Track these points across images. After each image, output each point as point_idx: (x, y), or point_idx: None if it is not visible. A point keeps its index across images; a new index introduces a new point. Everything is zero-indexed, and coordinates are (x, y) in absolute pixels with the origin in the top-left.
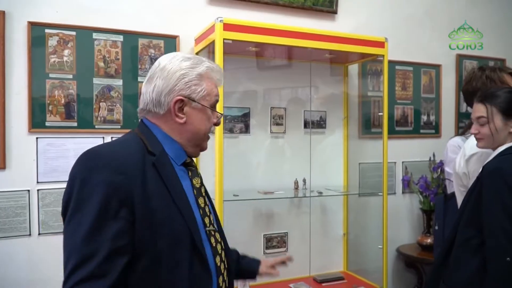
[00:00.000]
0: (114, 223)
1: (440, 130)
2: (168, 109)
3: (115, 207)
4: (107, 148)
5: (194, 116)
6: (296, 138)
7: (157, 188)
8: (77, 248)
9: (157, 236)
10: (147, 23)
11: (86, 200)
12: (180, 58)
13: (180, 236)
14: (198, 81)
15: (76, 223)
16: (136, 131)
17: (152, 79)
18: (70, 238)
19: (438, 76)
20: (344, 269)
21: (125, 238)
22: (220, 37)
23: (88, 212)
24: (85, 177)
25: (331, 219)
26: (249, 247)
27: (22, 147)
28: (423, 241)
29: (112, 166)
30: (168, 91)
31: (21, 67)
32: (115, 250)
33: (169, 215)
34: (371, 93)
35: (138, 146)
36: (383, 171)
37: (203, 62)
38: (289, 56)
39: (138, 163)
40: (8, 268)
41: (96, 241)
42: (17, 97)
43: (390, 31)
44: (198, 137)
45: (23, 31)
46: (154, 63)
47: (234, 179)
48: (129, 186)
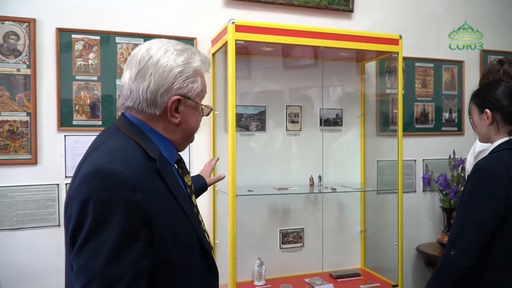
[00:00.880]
0: (136, 244)
1: (463, 128)
2: (163, 109)
3: (136, 228)
4: (117, 164)
5: (189, 114)
6: (312, 136)
7: (165, 196)
8: (98, 274)
9: (173, 246)
10: (166, 26)
11: (105, 222)
12: (173, 51)
13: (191, 241)
14: (194, 78)
15: (94, 249)
16: (125, 131)
17: (144, 75)
18: (89, 263)
19: (460, 73)
20: (362, 266)
21: (147, 258)
22: (232, 38)
23: (107, 236)
24: (102, 198)
25: (348, 216)
26: (265, 241)
27: (51, 144)
28: (443, 239)
29: (128, 185)
30: (165, 90)
31: (50, 71)
32: (139, 272)
33: (180, 223)
34: (389, 90)
35: (139, 154)
36: (398, 169)
37: (195, 54)
38: (304, 55)
39: (147, 175)
40: (39, 255)
41: (120, 265)
42: (47, 98)
43: (409, 28)
44: (191, 134)
45: (52, 37)
46: (142, 46)
47: (250, 175)
48: (147, 203)
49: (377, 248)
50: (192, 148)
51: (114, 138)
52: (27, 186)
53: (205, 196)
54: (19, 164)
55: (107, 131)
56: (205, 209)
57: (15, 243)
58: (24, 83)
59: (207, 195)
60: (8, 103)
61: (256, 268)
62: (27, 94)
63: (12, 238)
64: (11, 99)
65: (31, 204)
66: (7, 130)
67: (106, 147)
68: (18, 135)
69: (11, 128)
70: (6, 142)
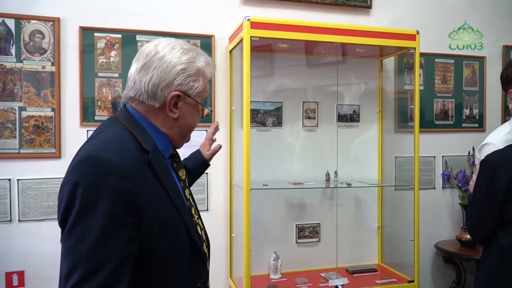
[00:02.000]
0: (123, 230)
1: (484, 124)
2: (163, 103)
3: (123, 214)
4: (108, 152)
5: (187, 111)
6: (328, 132)
7: (156, 188)
8: (84, 257)
9: (162, 236)
10: (185, 24)
11: (92, 207)
12: (179, 50)
13: (180, 233)
14: (196, 77)
15: (81, 232)
16: (122, 122)
17: (148, 68)
18: (74, 248)
19: (482, 69)
20: (379, 261)
21: (133, 244)
22: (248, 35)
23: (95, 220)
24: (91, 184)
25: (365, 211)
26: (281, 236)
27: (74, 139)
28: (462, 236)
29: (118, 173)
30: (166, 85)
31: (73, 68)
32: (125, 258)
33: (169, 214)
34: (408, 86)
35: (133, 145)
36: (414, 165)
37: (201, 55)
38: (321, 52)
39: (138, 166)
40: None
41: (106, 250)
42: (71, 94)
43: (428, 24)
44: (188, 131)
45: (75, 36)
46: (151, 43)
47: (267, 170)
48: (135, 192)
49: (394, 244)
50: None
51: (111, 129)
52: (51, 179)
53: (221, 190)
54: (44, 158)
55: (107, 122)
56: (222, 203)
57: (40, 234)
58: (49, 80)
59: (223, 188)
60: (34, 99)
61: (272, 261)
62: (52, 90)
63: (37, 228)
64: (36, 95)
65: (55, 196)
66: (33, 125)
67: (101, 136)
68: (43, 130)
69: (36, 123)
70: (32, 136)
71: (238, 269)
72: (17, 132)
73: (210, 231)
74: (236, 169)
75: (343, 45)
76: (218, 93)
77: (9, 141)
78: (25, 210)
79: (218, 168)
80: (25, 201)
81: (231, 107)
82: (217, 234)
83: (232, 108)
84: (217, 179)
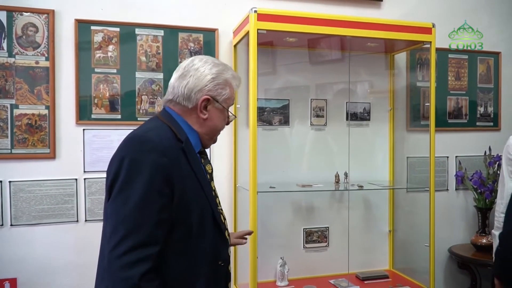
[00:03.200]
0: (159, 198)
1: (499, 123)
2: (195, 104)
3: (160, 185)
4: (150, 134)
5: (215, 114)
6: (337, 131)
7: (187, 170)
8: (126, 218)
9: (190, 211)
10: (187, 17)
11: (135, 177)
12: (211, 64)
13: (205, 212)
14: (224, 85)
15: (125, 197)
16: (161, 119)
17: (185, 76)
18: (118, 210)
19: (497, 64)
20: (390, 267)
21: (167, 211)
22: (254, 27)
23: (137, 188)
24: (135, 158)
25: (376, 215)
26: (288, 240)
27: (70, 138)
28: (478, 241)
29: (158, 150)
30: (199, 90)
31: (69, 63)
32: (160, 221)
33: (197, 194)
34: (420, 83)
35: (170, 134)
36: (430, 166)
37: (229, 70)
38: (330, 47)
39: (175, 149)
40: (57, 252)
41: (145, 213)
42: (66, 91)
43: (441, 18)
44: (215, 132)
45: (71, 29)
46: (189, 58)
47: (273, 171)
48: (171, 167)
49: (406, 249)
50: None
51: (152, 122)
52: (45, 181)
53: (225, 192)
54: (37, 158)
55: (149, 119)
56: (226, 206)
57: (33, 239)
58: (43, 75)
59: (228, 191)
60: (27, 96)
61: (279, 268)
62: (46, 87)
63: (30, 233)
64: (29, 92)
65: (49, 199)
66: (26, 124)
67: (144, 126)
68: (36, 129)
69: (29, 121)
70: (25, 135)
71: (243, 276)
72: (9, 131)
73: None
74: (241, 170)
75: (353, 39)
76: None
77: (1, 140)
78: (18, 213)
79: (222, 169)
80: (18, 204)
81: (235, 104)
82: None
83: (236, 106)
84: (221, 180)
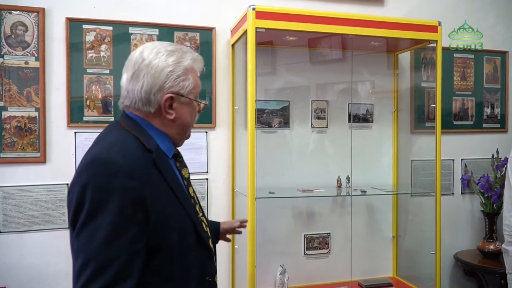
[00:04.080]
0: (132, 227)
1: (506, 124)
2: (158, 106)
3: (131, 212)
4: (114, 154)
5: (183, 110)
6: (339, 133)
7: (161, 185)
8: (94, 254)
9: (168, 230)
10: (183, 15)
11: (101, 206)
12: (164, 53)
13: (186, 227)
14: (185, 76)
15: (91, 230)
16: (124, 126)
17: (138, 76)
18: (85, 246)
19: (504, 64)
20: (394, 274)
21: (142, 239)
22: (253, 25)
23: (104, 219)
24: (99, 184)
25: (379, 220)
26: (288, 247)
27: (61, 142)
28: (485, 247)
29: (125, 172)
30: (158, 89)
31: (60, 63)
32: (133, 253)
33: (174, 209)
34: (425, 84)
35: (137, 146)
36: (436, 169)
37: (186, 53)
38: (331, 46)
39: (143, 164)
40: (48, 259)
41: (116, 246)
42: (57, 92)
43: (446, 16)
44: (187, 129)
45: (62, 27)
46: (137, 50)
47: (272, 176)
48: (141, 190)
49: (411, 255)
50: (210, 145)
51: (114, 133)
52: (35, 186)
53: (223, 197)
54: (27, 163)
55: (109, 127)
56: (223, 212)
57: (23, 246)
58: (32, 76)
59: (225, 196)
60: (16, 98)
61: (278, 276)
62: (36, 88)
63: (19, 240)
64: (19, 93)
65: (39, 205)
66: (15, 127)
67: (106, 140)
68: (26, 132)
69: (18, 124)
70: (14, 139)
71: (241, 284)
72: None
73: None
74: (238, 174)
75: (356, 38)
76: (219, 91)
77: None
78: (7, 220)
79: (219, 173)
80: (7, 210)
81: (233, 106)
82: (218, 245)
83: (234, 108)
84: (218, 185)
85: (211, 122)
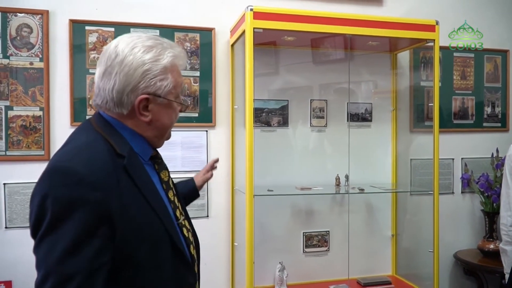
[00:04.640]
0: (93, 241)
1: (507, 123)
2: (131, 108)
3: (93, 225)
4: (77, 161)
5: (160, 112)
6: (338, 132)
7: (132, 194)
8: (54, 269)
9: (138, 244)
10: (183, 16)
11: (61, 219)
12: (141, 48)
13: (160, 238)
14: (163, 75)
15: (51, 244)
16: (95, 127)
17: (110, 74)
18: (44, 259)
19: (505, 63)
20: (393, 273)
21: (105, 255)
22: (250, 26)
23: (64, 232)
24: (59, 195)
25: (378, 218)
26: (287, 245)
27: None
28: (485, 246)
29: (87, 183)
30: (131, 89)
31: (63, 64)
32: (96, 269)
33: (147, 220)
34: (424, 83)
35: (106, 151)
36: (434, 168)
37: (166, 49)
38: (330, 45)
39: (111, 172)
40: None
41: (75, 262)
42: (60, 92)
43: (445, 16)
44: (165, 131)
45: (65, 29)
46: (112, 43)
47: (271, 174)
48: (106, 202)
49: (410, 254)
50: (210, 144)
51: (84, 135)
52: None
53: (222, 195)
54: (32, 160)
55: (81, 127)
56: (223, 210)
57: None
58: (37, 77)
59: (225, 194)
60: (21, 98)
61: (277, 273)
62: (40, 88)
63: (25, 236)
64: (24, 93)
65: None
66: (20, 125)
67: (73, 144)
68: (31, 131)
69: (24, 123)
70: (19, 137)
71: (240, 281)
72: (3, 133)
73: (210, 240)
74: (238, 172)
75: (354, 38)
76: (219, 90)
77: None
78: (13, 216)
79: (219, 171)
80: (12, 206)
81: (233, 105)
82: (217, 242)
83: (234, 107)
84: (217, 183)
85: (211, 121)
